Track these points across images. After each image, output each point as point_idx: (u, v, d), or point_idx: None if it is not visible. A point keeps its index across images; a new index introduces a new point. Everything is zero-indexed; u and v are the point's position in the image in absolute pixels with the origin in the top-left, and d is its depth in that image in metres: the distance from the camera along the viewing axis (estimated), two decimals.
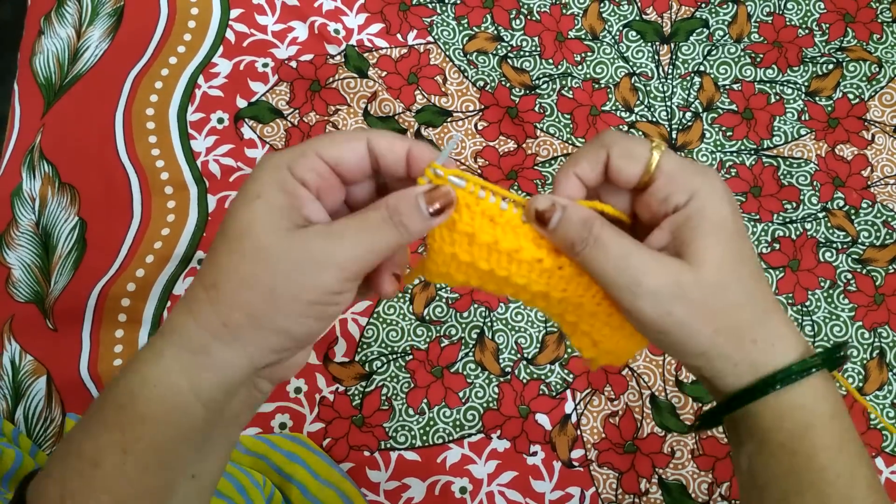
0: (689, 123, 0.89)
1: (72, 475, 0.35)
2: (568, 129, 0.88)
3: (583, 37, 0.93)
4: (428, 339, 0.80)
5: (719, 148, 0.87)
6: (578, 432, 0.77)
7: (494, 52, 0.91)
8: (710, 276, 0.37)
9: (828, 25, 0.92)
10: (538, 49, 0.92)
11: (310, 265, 0.35)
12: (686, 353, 0.39)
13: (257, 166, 0.37)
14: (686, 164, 0.39)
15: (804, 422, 0.38)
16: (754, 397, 0.39)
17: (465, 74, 0.90)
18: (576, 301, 0.40)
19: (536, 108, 0.89)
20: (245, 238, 0.36)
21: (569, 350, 0.80)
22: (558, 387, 0.78)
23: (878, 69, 0.90)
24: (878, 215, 0.85)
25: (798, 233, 0.84)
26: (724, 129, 0.88)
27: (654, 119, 0.89)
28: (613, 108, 0.89)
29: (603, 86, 0.90)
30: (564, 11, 0.94)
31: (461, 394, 0.78)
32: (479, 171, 0.86)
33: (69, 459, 0.36)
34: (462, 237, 0.39)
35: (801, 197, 0.85)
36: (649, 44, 0.92)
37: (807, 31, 0.92)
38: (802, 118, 0.89)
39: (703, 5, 0.94)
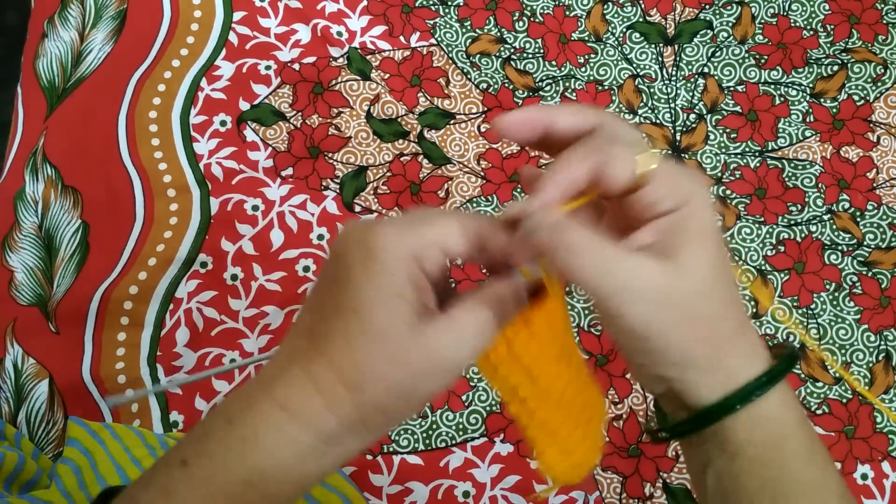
0: (694, 125, 0.88)
1: None
2: None
3: (586, 38, 0.92)
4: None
5: (723, 150, 0.87)
6: None
7: (497, 55, 0.91)
8: (696, 284, 0.36)
9: (833, 27, 0.92)
10: (541, 51, 0.91)
11: (441, 372, 0.36)
12: (663, 363, 0.38)
13: (386, 251, 0.35)
14: (678, 171, 0.38)
15: (776, 432, 0.38)
16: (731, 411, 0.38)
17: (468, 76, 0.90)
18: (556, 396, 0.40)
19: None
20: (386, 341, 0.35)
21: None
22: None
23: (883, 70, 0.89)
24: (884, 217, 0.84)
25: (803, 235, 0.84)
26: (728, 130, 0.88)
27: (658, 121, 0.88)
28: (617, 110, 0.89)
29: (606, 88, 0.90)
30: (568, 13, 0.93)
31: (464, 397, 0.78)
32: (482, 173, 0.86)
33: None
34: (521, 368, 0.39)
35: (806, 199, 0.85)
36: (653, 45, 0.92)
37: (811, 32, 0.92)
38: (807, 120, 0.88)
39: (707, 7, 0.93)
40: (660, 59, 0.91)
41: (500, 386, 0.39)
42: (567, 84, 0.90)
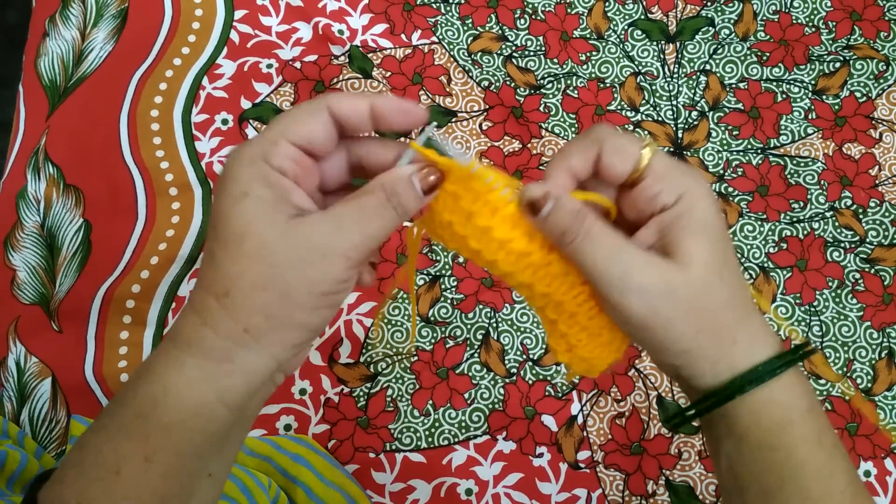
0: (695, 122, 0.88)
1: (90, 482, 0.36)
2: (573, 129, 0.88)
3: (588, 36, 0.92)
4: (433, 341, 0.79)
5: (725, 147, 0.87)
6: (585, 433, 0.77)
7: (499, 52, 0.91)
8: (698, 276, 0.37)
9: (834, 23, 0.92)
10: (543, 48, 0.91)
11: (317, 257, 0.35)
12: (668, 352, 0.39)
13: (231, 163, 0.36)
14: (676, 165, 0.39)
15: (782, 417, 0.39)
16: (733, 395, 0.39)
17: (470, 74, 0.90)
18: (558, 298, 0.40)
19: (541, 108, 0.89)
20: (245, 239, 0.35)
21: None
22: (564, 388, 0.78)
23: (885, 67, 0.89)
24: (887, 214, 0.84)
25: (805, 232, 0.83)
26: (730, 128, 0.88)
27: (660, 118, 0.88)
28: (619, 107, 0.89)
29: (608, 85, 0.90)
30: (569, 11, 0.93)
31: (466, 395, 0.78)
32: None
33: (86, 467, 0.36)
34: (461, 212, 0.39)
35: (809, 196, 0.85)
36: (655, 43, 0.92)
37: (813, 29, 0.92)
38: (809, 117, 0.88)
39: (709, 4, 0.93)
40: (661, 56, 0.91)
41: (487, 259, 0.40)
42: (569, 81, 0.90)
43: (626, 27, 0.92)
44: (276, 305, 0.36)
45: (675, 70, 0.90)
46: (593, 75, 0.90)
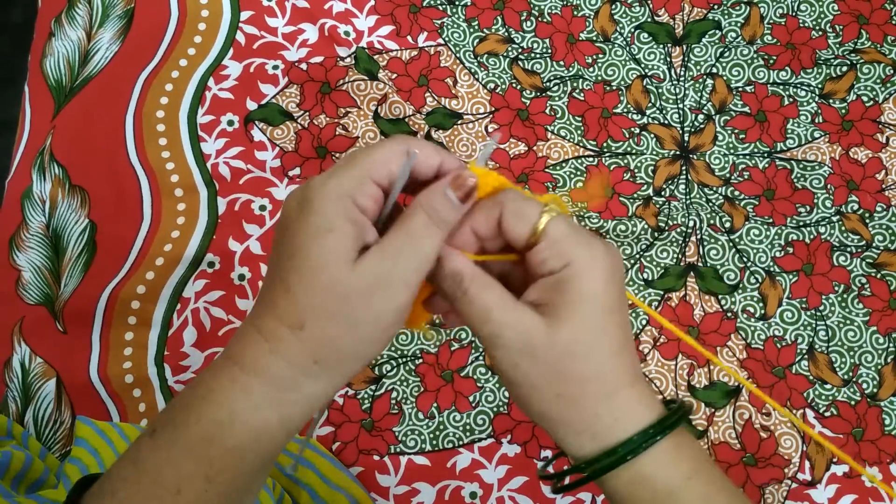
0: (702, 126, 0.88)
1: (148, 500, 0.37)
2: (579, 132, 0.88)
3: (594, 38, 0.92)
4: (438, 343, 0.79)
5: (732, 151, 0.87)
6: None
7: (505, 54, 0.91)
8: (562, 341, 0.38)
9: (842, 27, 0.91)
10: (549, 51, 0.91)
11: (382, 291, 0.37)
12: (530, 412, 0.40)
13: (316, 195, 0.37)
14: (573, 233, 0.39)
15: (663, 487, 0.39)
16: (603, 471, 0.39)
17: (476, 76, 0.90)
18: None
19: (547, 111, 0.88)
20: (322, 273, 0.36)
21: None
22: None
23: (892, 71, 0.89)
24: (893, 219, 0.84)
25: (812, 236, 0.83)
26: (736, 131, 0.88)
27: (666, 122, 0.88)
28: (625, 110, 0.89)
29: (614, 88, 0.90)
30: (575, 13, 0.93)
31: (471, 398, 0.78)
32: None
33: (144, 484, 0.37)
34: None
35: (815, 200, 0.85)
36: (661, 45, 0.92)
37: (820, 32, 0.91)
38: (816, 121, 0.88)
39: (716, 7, 0.93)
40: (668, 59, 0.91)
41: None
42: (575, 84, 0.89)
43: (632, 30, 0.92)
44: (347, 339, 0.37)
45: (682, 73, 0.90)
46: (599, 78, 0.90)
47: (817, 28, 0.92)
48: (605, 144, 0.87)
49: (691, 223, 0.84)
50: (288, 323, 0.37)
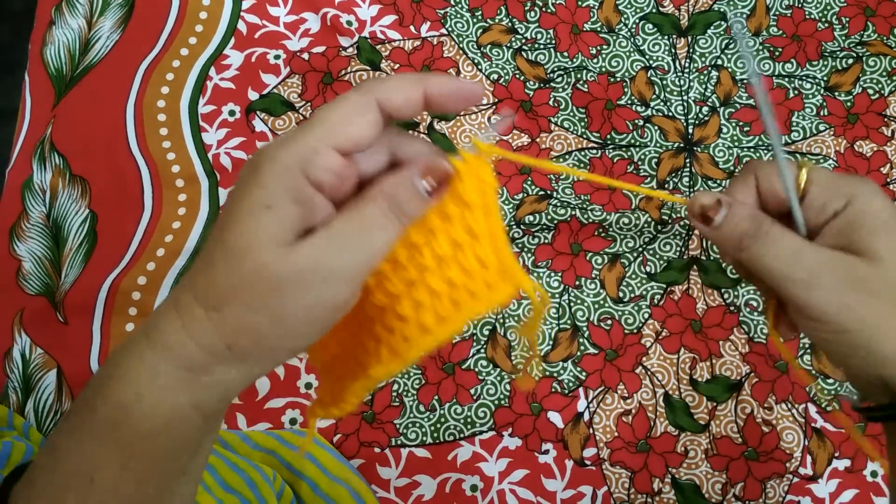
0: (706, 118, 0.87)
1: (63, 491, 0.34)
2: (583, 124, 0.87)
3: (598, 29, 0.91)
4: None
5: (736, 143, 0.86)
6: (591, 431, 0.76)
7: (508, 45, 0.90)
8: (891, 269, 0.35)
9: (848, 19, 0.91)
10: (553, 42, 0.90)
11: (317, 282, 0.32)
12: (869, 358, 0.37)
13: (262, 163, 0.33)
14: (838, 175, 0.38)
15: None
16: None
17: (479, 67, 0.89)
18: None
19: (551, 102, 0.88)
20: (248, 256, 0.32)
21: (581, 348, 0.79)
22: (571, 384, 0.78)
23: None
24: None
25: None
26: (741, 123, 0.87)
27: (671, 114, 0.87)
28: (629, 102, 0.88)
29: (619, 79, 0.89)
30: (580, 3, 0.92)
31: (472, 391, 0.77)
32: (492, 165, 0.85)
33: (57, 474, 0.35)
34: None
35: None
36: (666, 37, 0.91)
37: (826, 24, 0.91)
38: (821, 113, 0.87)
39: None
40: (673, 50, 0.90)
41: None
42: (579, 75, 0.89)
43: (637, 21, 0.92)
44: (267, 329, 0.33)
45: (687, 65, 0.90)
46: (603, 69, 0.89)
47: (823, 20, 0.91)
48: (608, 136, 0.87)
49: None
50: (203, 302, 0.33)
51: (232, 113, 0.86)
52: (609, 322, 0.80)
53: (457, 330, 0.36)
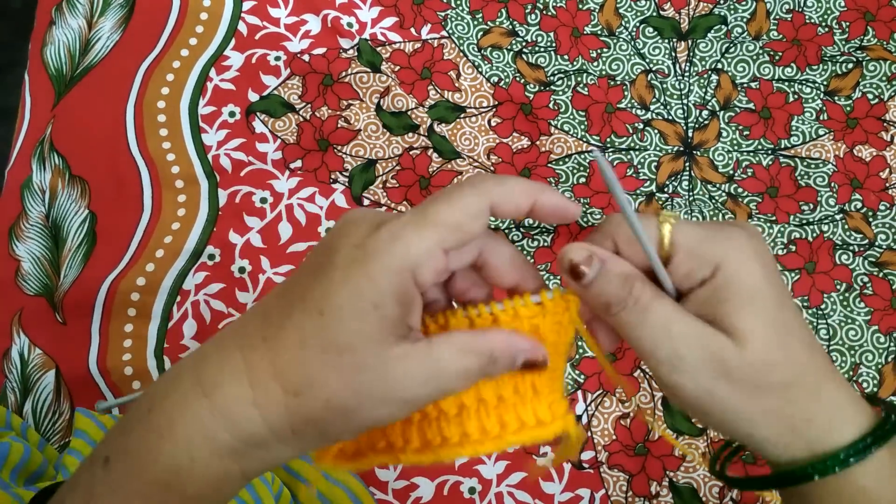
0: (706, 122, 0.87)
1: None
2: (583, 127, 0.87)
3: (599, 32, 0.91)
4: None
5: (736, 147, 0.86)
6: (589, 434, 0.77)
7: (509, 48, 0.90)
8: (756, 354, 0.34)
9: (848, 24, 0.91)
10: (553, 45, 0.91)
11: (397, 402, 0.32)
12: (731, 434, 0.36)
13: (378, 257, 0.31)
14: (705, 232, 0.35)
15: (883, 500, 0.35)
16: (809, 479, 0.35)
17: (479, 70, 0.89)
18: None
19: (551, 105, 0.88)
20: (346, 353, 0.31)
21: (580, 350, 0.79)
22: (569, 387, 0.78)
23: None
24: None
25: (815, 234, 0.83)
26: (741, 128, 0.87)
27: (670, 117, 0.88)
28: (629, 105, 0.88)
29: (619, 83, 0.89)
30: (580, 7, 0.92)
31: None
32: (491, 168, 0.86)
33: None
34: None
35: (819, 198, 0.84)
36: (666, 40, 0.91)
37: (826, 29, 0.91)
38: (821, 118, 0.87)
39: (722, 2, 0.92)
40: (673, 54, 0.90)
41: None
42: (579, 78, 0.89)
43: (637, 24, 0.92)
44: (333, 425, 0.33)
45: (687, 68, 0.90)
46: (604, 72, 0.89)
47: (823, 24, 0.91)
48: (608, 140, 0.87)
49: (694, 220, 0.83)
50: (284, 383, 0.32)
51: (232, 114, 0.86)
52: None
53: (495, 450, 0.36)
